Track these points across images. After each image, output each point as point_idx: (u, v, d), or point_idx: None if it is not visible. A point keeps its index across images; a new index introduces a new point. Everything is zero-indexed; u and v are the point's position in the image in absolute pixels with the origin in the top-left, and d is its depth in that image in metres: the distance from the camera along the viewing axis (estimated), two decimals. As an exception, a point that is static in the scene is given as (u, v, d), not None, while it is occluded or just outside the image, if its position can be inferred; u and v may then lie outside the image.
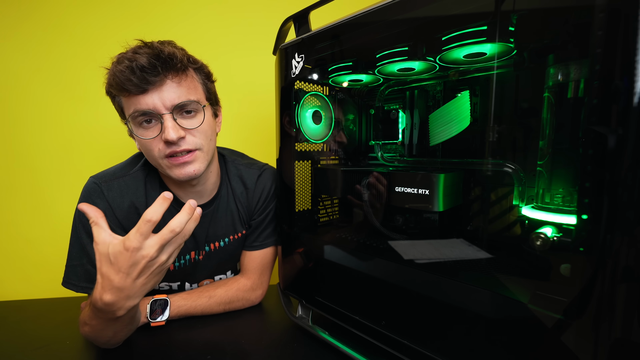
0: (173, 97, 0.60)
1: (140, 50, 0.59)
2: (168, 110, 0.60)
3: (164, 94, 0.60)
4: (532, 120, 0.53)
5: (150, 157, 0.65)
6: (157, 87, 0.59)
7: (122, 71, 0.57)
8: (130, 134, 0.66)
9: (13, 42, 0.99)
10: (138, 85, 0.58)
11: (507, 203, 0.57)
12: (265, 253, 0.82)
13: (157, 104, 0.60)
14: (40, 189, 1.04)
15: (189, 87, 0.63)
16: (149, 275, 0.51)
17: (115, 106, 0.67)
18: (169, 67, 0.60)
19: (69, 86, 1.02)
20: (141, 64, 0.57)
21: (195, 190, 0.74)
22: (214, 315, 0.75)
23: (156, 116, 0.61)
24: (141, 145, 0.65)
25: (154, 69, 0.58)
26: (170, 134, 0.59)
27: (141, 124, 0.61)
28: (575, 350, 0.33)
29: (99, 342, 0.62)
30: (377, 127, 0.75)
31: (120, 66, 0.58)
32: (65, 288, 0.66)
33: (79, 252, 0.66)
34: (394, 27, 0.50)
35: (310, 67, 0.68)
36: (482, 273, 0.49)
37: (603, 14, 0.30)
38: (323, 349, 0.63)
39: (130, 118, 0.61)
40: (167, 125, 0.60)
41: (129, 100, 0.61)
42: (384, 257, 0.57)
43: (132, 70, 0.57)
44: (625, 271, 0.30)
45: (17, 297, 0.97)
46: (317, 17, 0.66)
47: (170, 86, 0.61)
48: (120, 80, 0.58)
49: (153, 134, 0.61)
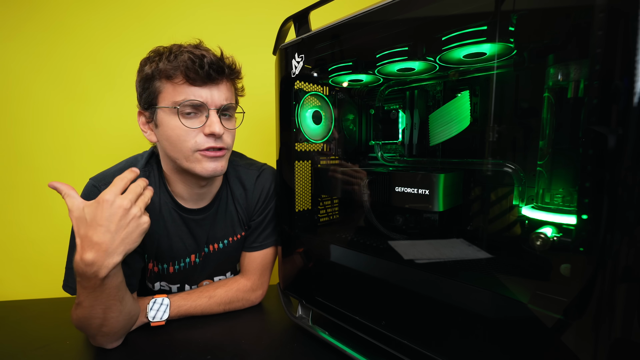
0: (223, 97, 0.66)
1: (204, 50, 0.65)
2: (216, 107, 0.65)
3: (218, 93, 0.65)
4: (532, 120, 0.53)
5: (178, 150, 0.65)
6: (215, 85, 0.65)
7: (192, 60, 0.61)
8: (150, 122, 0.67)
9: (14, 43, 0.99)
10: (202, 79, 0.62)
11: (507, 203, 0.57)
12: (265, 253, 0.81)
13: (209, 99, 0.64)
14: (40, 189, 1.04)
15: (233, 93, 0.71)
16: (125, 228, 0.55)
17: (144, 88, 0.65)
18: (229, 72, 0.67)
19: (69, 86, 1.03)
20: (211, 60, 0.63)
21: (201, 191, 0.74)
22: (214, 315, 0.75)
23: (204, 109, 0.64)
24: (173, 134, 0.64)
25: (220, 68, 0.64)
26: (217, 127, 0.64)
27: (185, 113, 0.64)
28: (575, 350, 0.33)
29: (92, 329, 0.60)
30: (377, 127, 0.75)
31: (187, 54, 0.62)
32: (65, 292, 0.66)
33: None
34: (394, 27, 0.50)
35: (310, 67, 0.68)
36: (482, 273, 0.49)
37: (603, 14, 0.30)
38: (323, 349, 0.63)
39: (176, 105, 0.63)
40: (215, 120, 0.64)
41: (181, 88, 0.63)
42: (384, 257, 0.57)
43: (201, 63, 0.62)
44: (625, 271, 0.30)
45: (17, 297, 0.97)
46: (317, 17, 0.66)
47: (224, 87, 0.67)
48: (187, 68, 0.61)
49: (195, 125, 0.64)
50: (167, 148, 0.67)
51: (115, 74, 1.04)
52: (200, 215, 0.76)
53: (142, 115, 0.69)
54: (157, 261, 0.75)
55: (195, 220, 0.75)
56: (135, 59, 0.85)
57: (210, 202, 0.77)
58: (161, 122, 0.65)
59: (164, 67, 0.62)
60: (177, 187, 0.73)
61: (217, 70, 0.63)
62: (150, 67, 0.63)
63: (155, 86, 0.64)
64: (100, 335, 0.61)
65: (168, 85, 0.63)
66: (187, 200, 0.74)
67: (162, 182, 0.73)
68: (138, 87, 0.67)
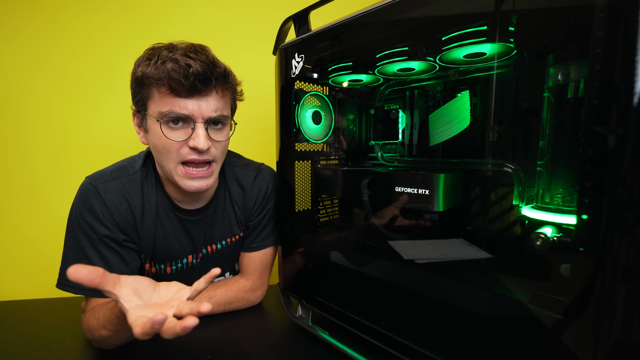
0: (212, 109, 0.62)
1: (194, 55, 0.59)
2: (203, 120, 0.61)
3: (206, 104, 0.61)
4: (532, 120, 0.53)
5: (164, 158, 0.63)
6: (203, 96, 0.60)
7: (175, 70, 0.57)
8: (141, 125, 0.65)
9: (14, 43, 0.99)
10: (187, 90, 0.58)
11: (507, 203, 0.57)
12: (265, 253, 0.81)
13: (195, 111, 0.60)
14: (40, 189, 1.04)
15: (225, 103, 0.66)
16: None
17: (136, 91, 0.63)
18: (220, 81, 0.61)
19: (69, 86, 1.02)
20: (197, 71, 0.57)
21: (195, 195, 0.74)
22: (213, 315, 0.75)
23: (190, 122, 0.61)
24: (159, 143, 0.62)
25: (207, 79, 0.59)
26: (201, 142, 0.60)
27: (168, 123, 0.61)
28: (575, 350, 0.33)
29: (108, 344, 0.61)
30: (377, 127, 0.75)
31: (171, 64, 0.57)
32: (61, 290, 0.64)
33: (77, 254, 0.65)
34: (394, 27, 0.50)
35: (310, 67, 0.68)
36: (482, 273, 0.49)
37: (603, 14, 0.30)
38: (323, 349, 0.63)
39: (160, 116, 0.60)
40: (200, 133, 0.61)
41: (166, 97, 0.59)
42: (384, 257, 0.57)
43: (185, 74, 0.57)
44: (625, 271, 0.30)
45: (17, 297, 0.97)
46: (317, 17, 0.66)
47: (214, 98, 0.62)
48: (171, 79, 0.57)
49: (180, 137, 0.61)
50: (155, 155, 0.66)
51: (114, 74, 1.04)
52: (197, 216, 0.75)
53: (136, 117, 0.67)
54: (154, 262, 0.75)
55: (192, 221, 0.75)
56: (135, 59, 0.84)
57: (207, 203, 0.77)
58: (149, 129, 0.63)
59: (150, 74, 0.59)
60: (171, 190, 0.72)
61: (203, 81, 0.59)
62: (141, 71, 0.60)
63: (144, 92, 0.62)
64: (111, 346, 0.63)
65: (155, 92, 0.60)
66: (183, 202, 0.74)
67: (158, 183, 0.73)
68: (131, 87, 0.65)
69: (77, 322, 0.71)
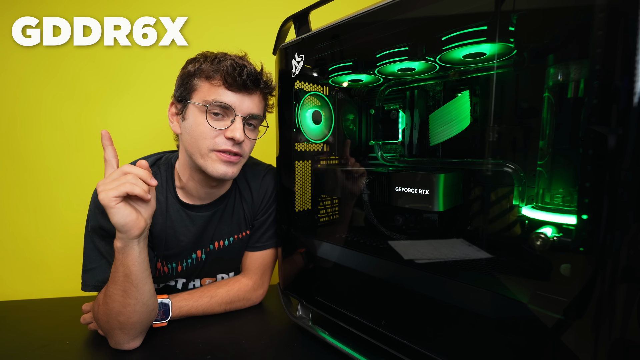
0: (252, 107, 0.69)
1: (246, 62, 0.69)
2: (243, 115, 0.68)
3: (249, 102, 0.68)
4: (532, 120, 0.53)
5: (198, 144, 0.67)
6: (248, 94, 0.68)
7: (233, 67, 0.66)
8: (179, 113, 0.70)
9: (14, 42, 0.99)
10: (238, 85, 0.66)
11: (507, 203, 0.57)
12: (267, 254, 0.82)
13: (238, 105, 0.67)
14: (40, 189, 1.04)
15: (262, 107, 0.73)
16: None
17: (183, 83, 0.69)
18: (264, 87, 0.71)
19: (69, 86, 1.02)
20: (250, 71, 0.67)
21: (211, 191, 0.76)
22: (214, 315, 0.75)
23: (231, 114, 0.67)
24: (196, 129, 0.67)
25: (256, 81, 0.68)
26: (238, 133, 0.66)
27: (213, 113, 0.67)
28: (575, 350, 0.33)
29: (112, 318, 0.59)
30: (377, 127, 0.75)
31: (229, 62, 0.66)
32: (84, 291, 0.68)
33: (96, 256, 0.67)
34: (394, 27, 0.50)
35: (310, 67, 0.68)
36: (482, 273, 0.49)
37: (603, 14, 0.30)
38: (323, 349, 0.63)
39: (206, 103, 0.66)
40: (238, 126, 0.67)
41: (215, 88, 0.66)
42: (384, 257, 0.57)
43: (240, 72, 0.66)
44: (625, 271, 0.30)
45: (17, 297, 0.97)
46: (317, 17, 0.66)
47: (256, 99, 0.70)
48: (227, 73, 0.65)
49: (219, 126, 0.67)
50: (187, 142, 0.69)
51: (117, 76, 1.04)
52: (206, 212, 0.77)
53: (174, 106, 0.72)
54: (165, 260, 0.76)
55: (202, 216, 0.77)
56: (137, 60, 0.85)
57: (219, 199, 0.79)
58: (189, 116, 0.68)
59: (206, 68, 0.66)
60: (188, 184, 0.74)
61: (253, 81, 0.67)
62: (194, 66, 0.68)
63: (193, 83, 0.68)
64: (119, 329, 0.60)
65: (205, 84, 0.67)
66: (193, 198, 0.76)
67: (169, 181, 0.75)
68: (177, 81, 0.71)
69: (77, 322, 0.71)
